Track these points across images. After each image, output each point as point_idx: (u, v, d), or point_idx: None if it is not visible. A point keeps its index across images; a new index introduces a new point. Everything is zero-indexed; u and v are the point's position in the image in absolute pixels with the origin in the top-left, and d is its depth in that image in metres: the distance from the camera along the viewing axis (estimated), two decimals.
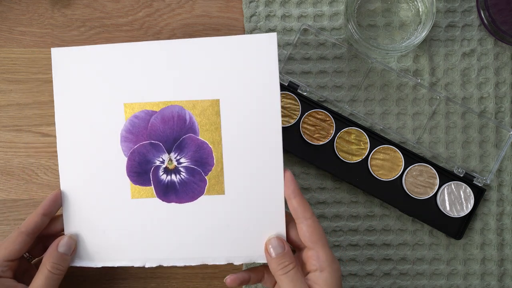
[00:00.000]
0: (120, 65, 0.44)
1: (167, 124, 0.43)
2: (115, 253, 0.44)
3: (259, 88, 0.43)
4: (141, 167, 0.44)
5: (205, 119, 0.43)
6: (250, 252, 0.43)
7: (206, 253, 0.44)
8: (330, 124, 0.50)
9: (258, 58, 0.42)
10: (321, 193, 0.51)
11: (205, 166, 0.43)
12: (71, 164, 0.44)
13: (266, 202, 0.43)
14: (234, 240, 0.43)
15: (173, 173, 0.44)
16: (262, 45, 0.42)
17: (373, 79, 0.51)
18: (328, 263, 0.39)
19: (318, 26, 0.51)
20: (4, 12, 0.51)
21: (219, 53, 0.43)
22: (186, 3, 0.51)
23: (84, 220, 0.44)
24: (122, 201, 0.44)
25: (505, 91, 0.51)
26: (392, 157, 0.50)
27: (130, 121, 0.44)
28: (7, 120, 0.51)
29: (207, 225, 0.43)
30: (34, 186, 0.51)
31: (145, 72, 0.43)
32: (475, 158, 0.50)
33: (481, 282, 0.50)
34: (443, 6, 0.50)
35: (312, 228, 0.40)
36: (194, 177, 0.44)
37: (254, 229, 0.43)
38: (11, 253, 0.41)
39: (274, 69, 0.42)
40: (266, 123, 0.43)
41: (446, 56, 0.51)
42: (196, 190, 0.44)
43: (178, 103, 0.43)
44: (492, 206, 0.50)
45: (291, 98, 0.50)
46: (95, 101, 0.44)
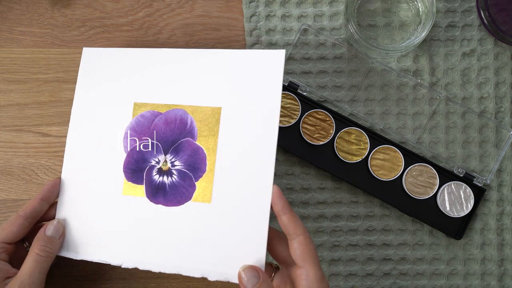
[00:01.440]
0: (136, 67, 0.46)
1: (169, 126, 0.45)
2: (97, 248, 0.44)
3: (260, 102, 0.43)
4: (137, 164, 0.45)
5: (205, 125, 0.44)
6: (227, 269, 0.41)
7: (182, 262, 0.42)
8: (330, 124, 0.50)
9: (264, 74, 0.43)
10: (321, 193, 0.51)
11: (196, 172, 0.44)
12: (75, 154, 0.46)
13: (250, 218, 0.41)
14: (213, 253, 0.42)
15: (165, 174, 0.44)
16: (269, 61, 0.43)
17: (373, 79, 0.51)
18: (317, 283, 0.37)
19: (318, 26, 0.51)
20: (4, 12, 0.51)
21: (228, 64, 0.44)
22: (186, 3, 0.51)
23: (74, 208, 0.45)
24: (113, 196, 0.44)
25: (505, 91, 0.51)
26: (392, 157, 0.50)
27: (136, 119, 0.45)
28: (7, 120, 0.51)
29: (189, 233, 0.43)
30: (34, 186, 0.51)
31: (158, 75, 0.45)
32: (475, 158, 0.50)
33: (481, 282, 0.50)
34: (443, 6, 0.50)
35: (303, 245, 0.38)
36: (184, 181, 0.44)
37: (234, 246, 0.41)
38: (8, 235, 0.42)
39: (277, 86, 0.43)
40: (261, 138, 0.42)
41: (446, 56, 0.51)
42: (184, 194, 0.44)
43: (182, 107, 0.45)
44: (492, 206, 0.50)
45: (291, 98, 0.50)
46: (110, 98, 0.46)
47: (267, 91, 0.43)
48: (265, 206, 0.41)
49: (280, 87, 0.43)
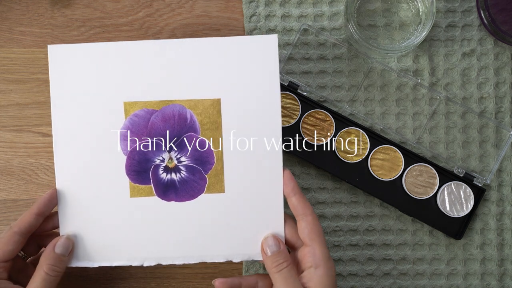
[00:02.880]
0: (119, 64, 0.43)
1: (168, 123, 0.44)
2: (113, 253, 0.44)
3: (259, 88, 0.43)
4: (140, 165, 0.44)
5: (206, 118, 0.43)
6: (248, 250, 0.44)
7: (205, 251, 0.44)
8: (330, 124, 0.50)
9: (258, 59, 0.43)
10: (321, 193, 0.51)
11: (205, 165, 0.44)
12: (67, 163, 0.44)
13: (266, 201, 0.43)
14: (233, 238, 0.44)
15: (173, 171, 0.44)
16: (263, 46, 0.43)
17: (373, 79, 0.51)
18: (324, 260, 0.39)
19: (318, 26, 0.51)
20: (4, 12, 0.51)
21: (221, 53, 0.43)
22: (186, 3, 0.51)
23: (80, 219, 0.43)
24: (120, 200, 0.44)
25: (505, 91, 0.51)
26: (392, 157, 0.50)
27: (130, 119, 0.44)
28: (7, 120, 0.51)
29: (207, 223, 0.44)
30: (34, 186, 0.51)
31: (145, 70, 0.43)
32: (475, 158, 0.50)
33: (481, 282, 0.50)
34: (443, 6, 0.50)
35: (311, 225, 0.40)
36: (194, 175, 0.44)
37: (253, 227, 0.44)
38: (4, 254, 0.41)
39: (274, 69, 0.43)
40: (266, 123, 0.43)
41: (446, 56, 0.51)
42: (196, 188, 0.44)
43: (179, 102, 0.44)
44: (492, 206, 0.50)
45: (291, 98, 0.50)
46: (94, 99, 0.43)
47: (264, 76, 0.43)
48: (278, 187, 0.43)
49: (277, 71, 0.43)
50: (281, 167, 0.43)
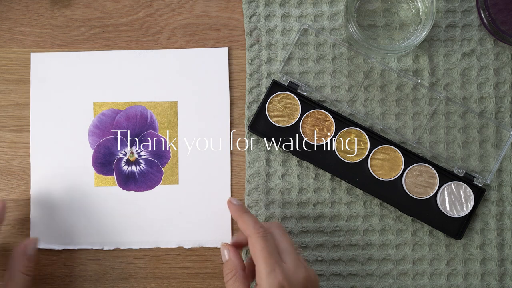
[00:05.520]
0: (90, 70, 0.50)
1: (131, 121, 0.50)
2: (77, 237, 0.49)
3: (212, 93, 0.50)
4: (105, 158, 0.50)
5: (164, 118, 0.50)
6: (199, 237, 0.50)
7: (160, 237, 0.50)
8: (330, 124, 0.50)
9: (211, 68, 0.50)
10: (320, 193, 0.51)
11: (162, 159, 0.50)
12: (43, 155, 0.50)
13: (214, 194, 0.50)
14: (186, 226, 0.50)
15: (133, 164, 0.50)
16: (215, 57, 0.50)
17: (373, 79, 0.51)
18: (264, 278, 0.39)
19: (318, 26, 0.51)
20: (4, 12, 0.51)
21: (179, 62, 0.50)
22: (186, 3, 0.51)
23: (50, 206, 0.49)
24: (86, 189, 0.50)
25: (505, 91, 0.51)
26: (392, 157, 0.50)
27: (98, 117, 0.50)
28: (7, 120, 0.51)
29: (162, 211, 0.50)
30: None
31: (113, 76, 0.50)
32: (475, 158, 0.50)
33: (481, 282, 0.50)
34: (443, 6, 0.50)
35: (251, 245, 0.40)
36: (152, 168, 0.50)
37: (204, 217, 0.50)
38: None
39: (224, 78, 0.50)
40: (216, 124, 0.50)
41: (446, 56, 0.51)
42: (153, 180, 0.50)
43: (141, 103, 0.50)
44: (492, 206, 0.50)
45: (291, 98, 0.50)
46: (68, 100, 0.50)
47: (216, 84, 0.50)
48: (225, 182, 0.50)
49: (226, 80, 0.50)
50: (229, 163, 0.50)
